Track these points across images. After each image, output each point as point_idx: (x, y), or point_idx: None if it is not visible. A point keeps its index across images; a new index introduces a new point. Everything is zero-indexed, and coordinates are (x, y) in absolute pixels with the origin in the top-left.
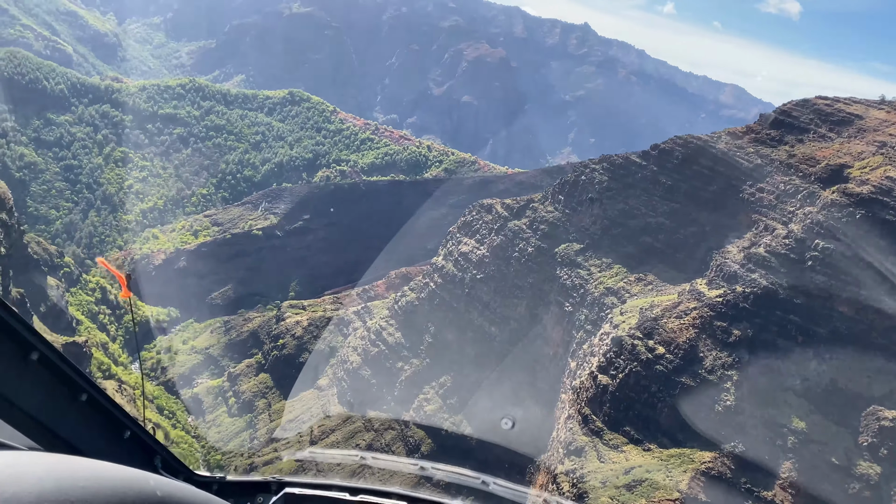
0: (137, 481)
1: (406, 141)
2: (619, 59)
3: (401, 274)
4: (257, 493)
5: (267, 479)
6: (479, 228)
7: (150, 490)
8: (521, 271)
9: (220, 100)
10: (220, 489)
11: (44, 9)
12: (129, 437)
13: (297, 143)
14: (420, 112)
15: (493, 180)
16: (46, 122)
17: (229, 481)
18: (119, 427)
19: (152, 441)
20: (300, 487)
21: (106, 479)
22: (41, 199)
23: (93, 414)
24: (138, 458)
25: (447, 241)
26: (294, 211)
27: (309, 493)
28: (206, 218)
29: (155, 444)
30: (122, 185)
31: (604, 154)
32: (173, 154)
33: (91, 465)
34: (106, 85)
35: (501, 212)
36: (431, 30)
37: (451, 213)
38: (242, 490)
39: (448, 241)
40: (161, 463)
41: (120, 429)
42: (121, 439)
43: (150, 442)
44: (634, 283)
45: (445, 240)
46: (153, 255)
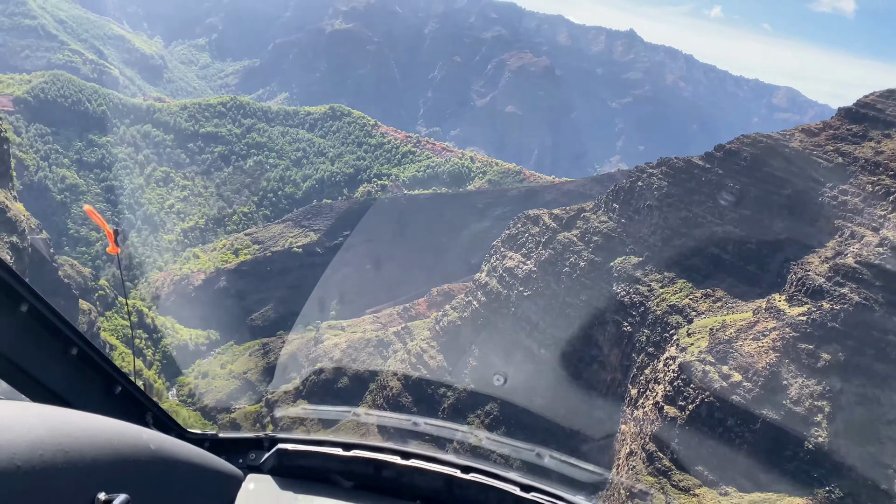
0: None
1: (448, 153)
2: (666, 65)
3: (443, 291)
4: (250, 450)
5: (259, 435)
6: (526, 242)
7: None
8: (573, 288)
9: (261, 117)
10: (212, 446)
11: (92, 34)
12: (120, 392)
13: (338, 158)
14: (463, 124)
15: (539, 190)
16: (88, 143)
17: (221, 438)
18: (110, 382)
19: (143, 397)
20: (293, 443)
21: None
22: (82, 221)
23: (84, 368)
24: (129, 414)
25: (491, 255)
26: (335, 227)
27: (302, 449)
28: (246, 236)
29: (146, 401)
30: (163, 204)
31: (661, 158)
32: (215, 172)
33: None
34: (148, 105)
35: (549, 223)
36: (474, 41)
37: (496, 226)
38: (235, 446)
39: (492, 255)
40: (152, 419)
41: (111, 384)
42: (112, 395)
43: (140, 398)
44: (701, 300)
45: (489, 254)
46: (193, 276)
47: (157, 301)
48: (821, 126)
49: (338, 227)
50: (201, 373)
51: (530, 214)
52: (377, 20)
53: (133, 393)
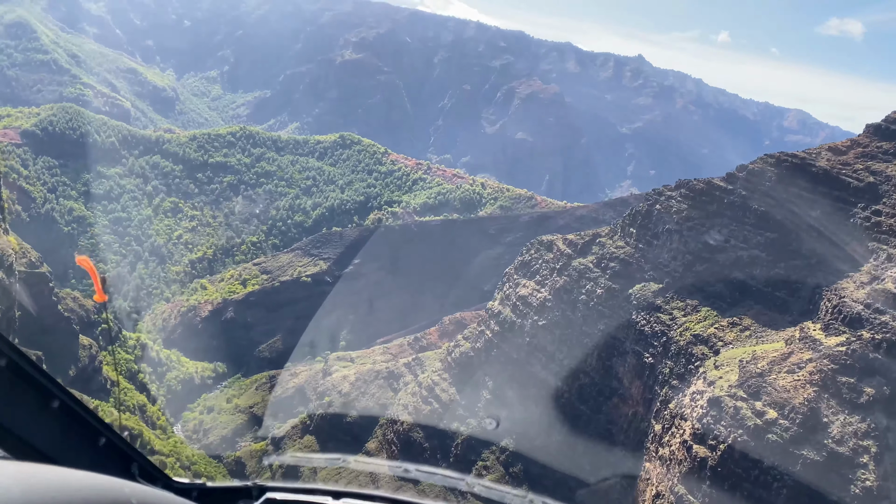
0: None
1: (459, 179)
2: (675, 89)
3: (455, 320)
4: (238, 499)
5: (247, 484)
6: (540, 268)
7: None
8: (590, 316)
9: (270, 146)
10: (199, 496)
11: (105, 67)
12: (105, 444)
13: (348, 186)
14: (474, 151)
15: (551, 216)
16: (97, 175)
17: (209, 487)
18: (94, 434)
19: (128, 448)
20: (282, 492)
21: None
22: (89, 252)
23: (65, 421)
24: (114, 466)
25: (504, 283)
26: (344, 256)
27: (291, 499)
28: (255, 266)
29: (131, 451)
30: (171, 235)
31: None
32: (224, 202)
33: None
34: (157, 136)
35: (564, 249)
36: (483, 70)
37: (508, 252)
38: (223, 496)
39: (505, 283)
40: (138, 470)
41: (95, 436)
42: (96, 447)
43: (126, 449)
44: (728, 329)
45: (502, 282)
46: (200, 307)
47: (163, 333)
48: (849, 144)
49: (348, 255)
50: (207, 407)
51: (543, 240)
52: (387, 50)
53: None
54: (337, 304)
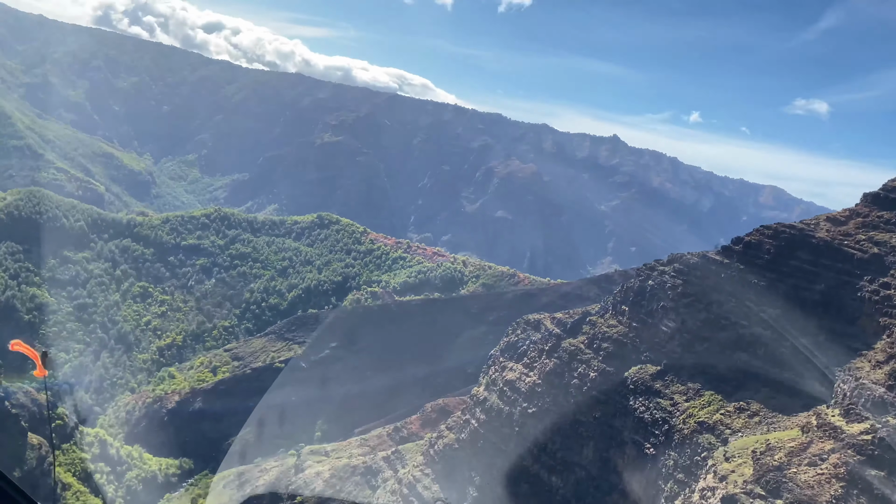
0: None
1: (440, 257)
2: (651, 167)
3: (438, 407)
4: None
5: None
6: (527, 350)
7: None
8: (584, 403)
9: (246, 227)
10: None
11: (80, 152)
12: None
13: (325, 266)
14: (454, 229)
15: (535, 293)
16: (62, 260)
17: None
18: None
19: None
20: None
21: None
22: (51, 341)
23: None
24: None
25: (489, 366)
26: (320, 339)
27: None
28: (225, 352)
29: None
30: (139, 321)
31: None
32: (195, 286)
33: None
34: (128, 219)
35: (552, 328)
36: (462, 150)
37: (492, 332)
38: None
39: (490, 366)
40: None
41: None
42: None
43: None
44: (735, 415)
45: (487, 365)
46: (167, 398)
47: (126, 427)
48: (847, 214)
49: (324, 338)
50: None
51: (530, 319)
52: (366, 132)
53: None
54: (312, 392)
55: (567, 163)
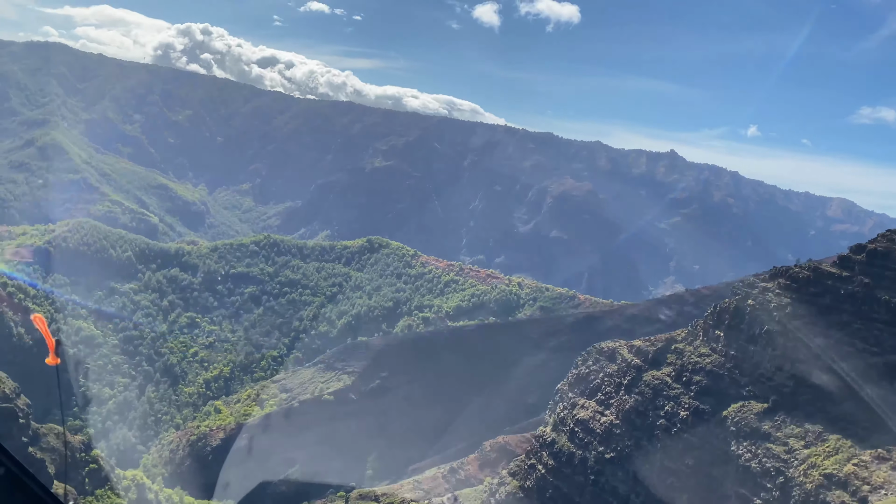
0: None
1: (494, 280)
2: (712, 182)
3: (497, 446)
4: None
5: None
6: (602, 384)
7: None
8: (674, 448)
9: (295, 254)
10: None
11: (135, 184)
12: None
13: (375, 291)
14: (508, 251)
15: (598, 316)
16: (110, 291)
17: None
18: None
19: None
20: None
21: None
22: (96, 376)
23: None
24: None
25: (556, 402)
26: (370, 368)
27: None
28: (273, 384)
29: None
30: (186, 353)
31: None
32: (244, 315)
33: None
34: (177, 248)
35: (630, 358)
36: (513, 170)
37: (554, 359)
38: None
39: (558, 402)
40: None
41: None
42: None
43: None
44: (874, 466)
45: (554, 401)
46: (211, 434)
47: (170, 466)
48: None
49: (374, 367)
50: None
51: (603, 348)
52: (416, 156)
53: None
54: (362, 426)
55: (623, 180)
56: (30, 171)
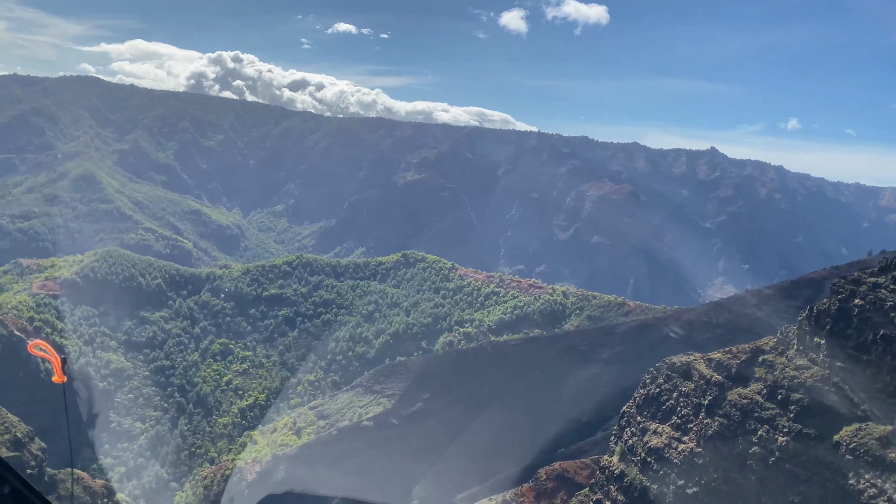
0: None
1: (537, 289)
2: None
3: (554, 473)
4: None
5: None
6: (676, 406)
7: None
8: (772, 481)
9: (329, 273)
10: None
11: (169, 211)
12: None
13: (413, 308)
14: (548, 260)
15: (653, 323)
16: (139, 321)
17: None
18: None
19: None
20: None
21: None
22: (126, 410)
23: None
24: None
25: (622, 428)
26: (411, 390)
27: None
28: (311, 410)
29: None
30: (219, 381)
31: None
32: (278, 339)
33: None
34: (207, 273)
35: (709, 374)
36: (549, 177)
37: (607, 372)
38: None
39: (624, 428)
40: None
41: None
42: None
43: None
44: None
45: (619, 426)
46: (247, 468)
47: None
48: None
49: (415, 389)
50: None
51: (676, 363)
52: (449, 168)
53: None
54: (405, 452)
55: (664, 181)
56: (63, 204)
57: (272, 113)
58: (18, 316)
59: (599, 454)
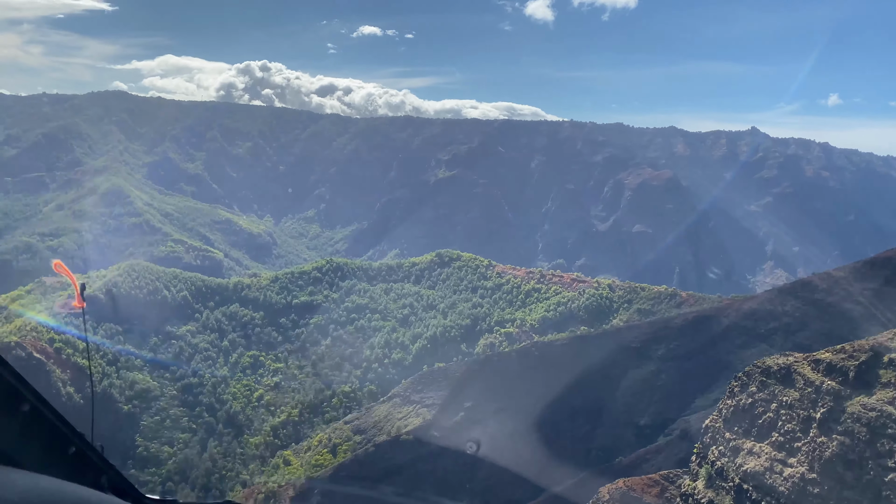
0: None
1: (581, 284)
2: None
3: (618, 492)
4: None
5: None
6: (776, 419)
7: None
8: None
9: (361, 276)
10: None
11: (199, 222)
12: (75, 453)
13: (450, 309)
14: (588, 252)
15: (711, 314)
16: (165, 336)
17: None
18: (64, 442)
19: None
20: None
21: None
22: (152, 433)
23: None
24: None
25: (707, 446)
26: (452, 399)
27: None
28: (346, 425)
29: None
30: (250, 398)
31: None
32: (310, 348)
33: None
34: (234, 283)
35: (818, 379)
36: (584, 166)
37: (665, 370)
38: None
39: (708, 446)
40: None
41: (65, 444)
42: (65, 455)
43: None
44: None
45: (702, 444)
46: (280, 492)
47: None
48: None
49: (457, 397)
50: None
51: (771, 366)
52: (480, 163)
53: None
54: (449, 468)
55: (704, 164)
56: (92, 220)
57: (300, 117)
58: (38, 338)
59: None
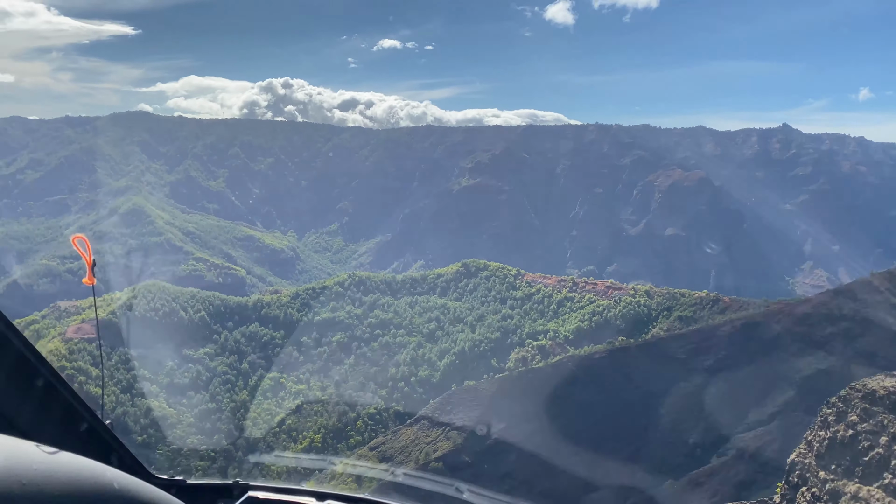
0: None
1: (616, 291)
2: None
3: None
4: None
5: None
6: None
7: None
8: None
9: (384, 290)
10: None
11: (221, 239)
12: (86, 430)
13: (479, 322)
14: (620, 257)
15: (760, 321)
16: (182, 360)
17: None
18: (76, 418)
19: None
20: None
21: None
22: (169, 464)
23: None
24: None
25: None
26: (484, 419)
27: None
28: (371, 452)
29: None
30: (270, 423)
31: None
32: (333, 367)
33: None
34: (254, 301)
35: None
36: (612, 169)
37: (713, 383)
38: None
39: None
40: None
41: (76, 420)
42: (76, 431)
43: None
44: None
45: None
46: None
47: None
48: None
49: (488, 418)
50: None
51: (876, 391)
52: (504, 169)
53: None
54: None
55: (736, 163)
56: (113, 240)
57: (321, 131)
58: None
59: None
